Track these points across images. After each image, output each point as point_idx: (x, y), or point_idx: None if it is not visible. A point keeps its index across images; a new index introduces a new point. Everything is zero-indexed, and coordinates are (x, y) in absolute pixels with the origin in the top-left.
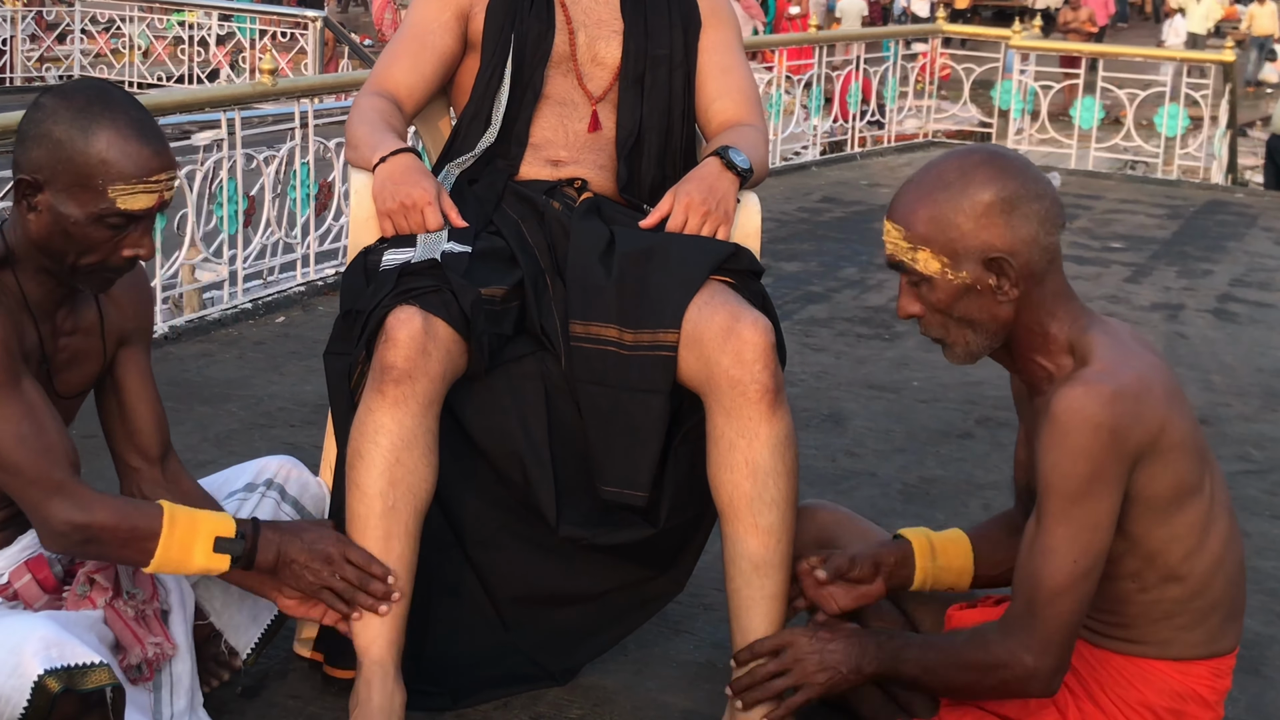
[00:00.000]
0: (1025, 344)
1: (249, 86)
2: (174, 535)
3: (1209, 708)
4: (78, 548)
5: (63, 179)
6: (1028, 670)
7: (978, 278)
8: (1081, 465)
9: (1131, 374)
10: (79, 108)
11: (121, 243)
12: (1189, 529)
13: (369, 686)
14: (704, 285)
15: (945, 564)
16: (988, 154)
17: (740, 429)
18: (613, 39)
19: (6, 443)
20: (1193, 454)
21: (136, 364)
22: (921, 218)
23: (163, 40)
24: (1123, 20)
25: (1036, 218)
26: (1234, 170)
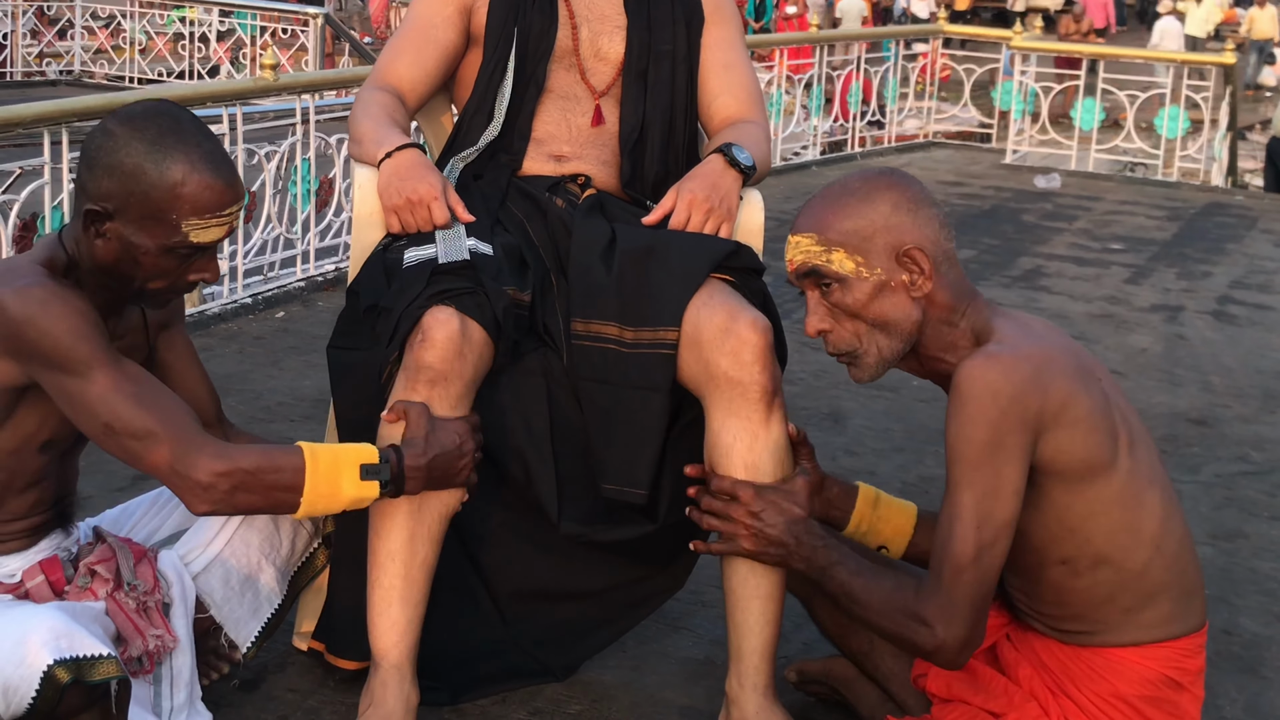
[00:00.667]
0: (932, 344)
1: (250, 82)
2: (318, 469)
3: (1182, 689)
4: (227, 498)
5: (135, 210)
6: (937, 641)
7: (891, 273)
8: (981, 431)
9: (1032, 347)
10: (152, 139)
11: (189, 269)
12: (1106, 506)
13: (385, 689)
14: (704, 283)
15: (885, 515)
16: (883, 170)
17: (739, 430)
18: (615, 34)
19: (130, 409)
20: (1102, 430)
21: (180, 343)
22: (832, 223)
23: (163, 36)
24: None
25: (937, 220)
26: (1234, 173)
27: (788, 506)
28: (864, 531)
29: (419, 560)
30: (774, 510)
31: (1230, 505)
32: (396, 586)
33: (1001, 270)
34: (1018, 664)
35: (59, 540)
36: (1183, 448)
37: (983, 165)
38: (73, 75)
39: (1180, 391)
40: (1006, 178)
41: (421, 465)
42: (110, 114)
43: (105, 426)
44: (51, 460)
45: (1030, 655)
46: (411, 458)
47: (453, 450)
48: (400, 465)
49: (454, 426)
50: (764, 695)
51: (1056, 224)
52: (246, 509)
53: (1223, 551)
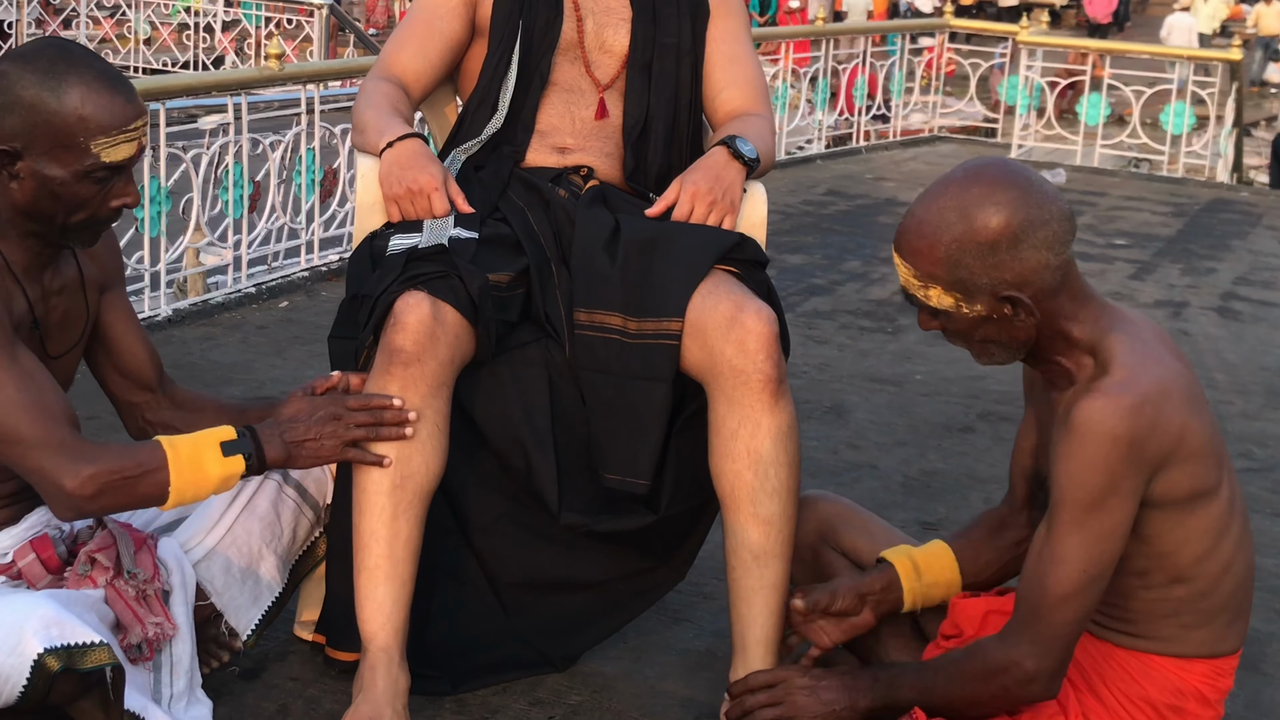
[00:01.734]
0: (1047, 349)
1: (256, 71)
2: (180, 457)
3: (1209, 706)
4: (94, 502)
5: (42, 143)
6: (1028, 674)
7: (993, 309)
8: (1098, 477)
9: (1151, 382)
10: (44, 69)
11: (108, 194)
12: (1202, 533)
13: (374, 672)
14: (708, 274)
15: (932, 580)
16: (989, 183)
17: (742, 418)
18: (621, 27)
19: (5, 411)
20: (1211, 458)
21: (120, 306)
22: (927, 257)
23: (168, 26)
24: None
25: (1044, 244)
26: (1239, 169)
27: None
28: (921, 604)
29: (402, 539)
30: (817, 678)
31: None
32: (381, 566)
33: None
34: None
35: (46, 516)
36: None
37: None
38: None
39: None
40: None
41: (273, 434)
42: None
43: None
44: None
45: None
46: (263, 430)
47: (302, 419)
48: (258, 441)
49: (328, 406)
50: None
51: None
52: (114, 509)
53: None
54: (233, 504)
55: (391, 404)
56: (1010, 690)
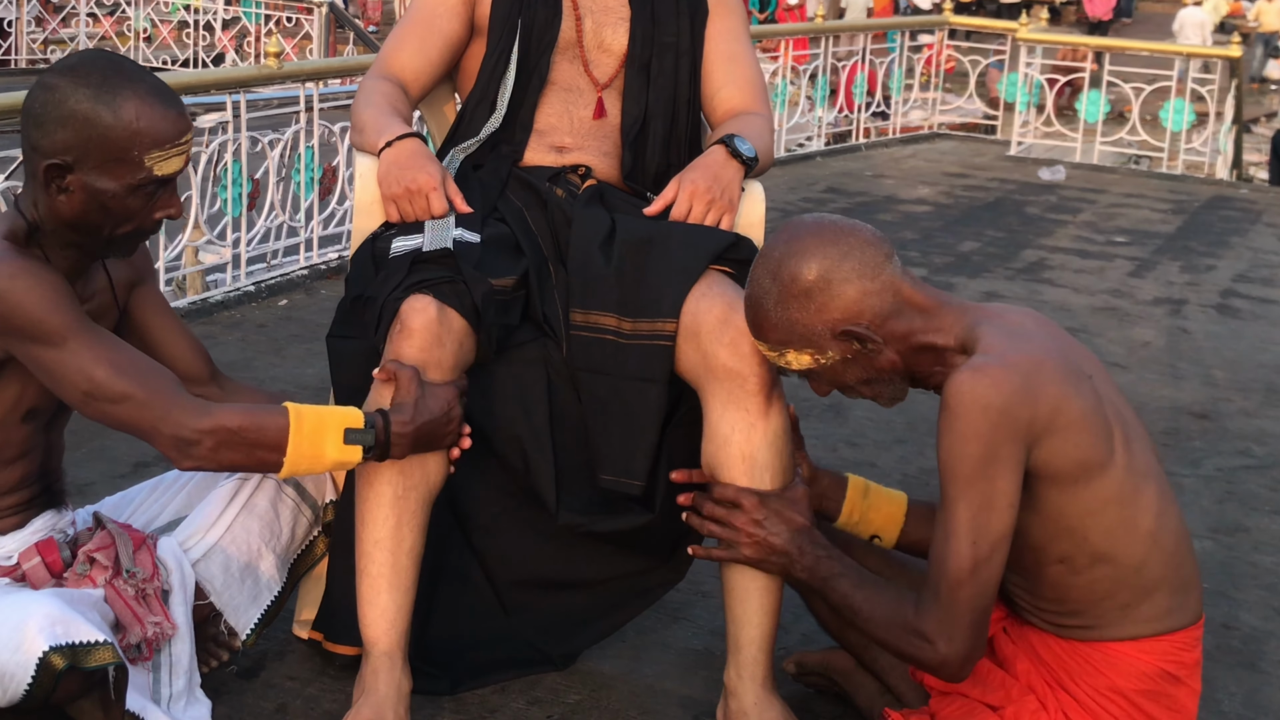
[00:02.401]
0: (923, 366)
1: (254, 69)
2: (302, 430)
3: (1179, 682)
4: (211, 455)
5: (95, 156)
6: (940, 656)
7: (844, 349)
8: (973, 446)
9: (1019, 355)
10: (98, 83)
11: (154, 206)
12: (1103, 504)
13: (376, 676)
14: (704, 275)
15: (875, 504)
16: (785, 243)
17: (736, 422)
18: (619, 26)
19: (107, 374)
20: (1096, 431)
21: (154, 301)
22: (766, 329)
23: (168, 24)
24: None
25: (854, 274)
26: (1239, 166)
27: (791, 515)
28: (856, 521)
29: (405, 547)
30: (777, 519)
31: (1231, 499)
32: (384, 574)
33: (1005, 262)
34: (1015, 658)
35: (52, 520)
36: (1184, 441)
37: (987, 157)
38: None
39: (1182, 385)
40: (1011, 170)
41: (408, 431)
42: (47, 70)
43: (85, 394)
44: (36, 430)
45: (1028, 649)
46: (398, 424)
47: (440, 416)
48: (386, 430)
49: (442, 392)
50: (762, 686)
51: (1061, 216)
52: (230, 466)
53: (1223, 546)
54: (231, 503)
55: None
56: (920, 660)
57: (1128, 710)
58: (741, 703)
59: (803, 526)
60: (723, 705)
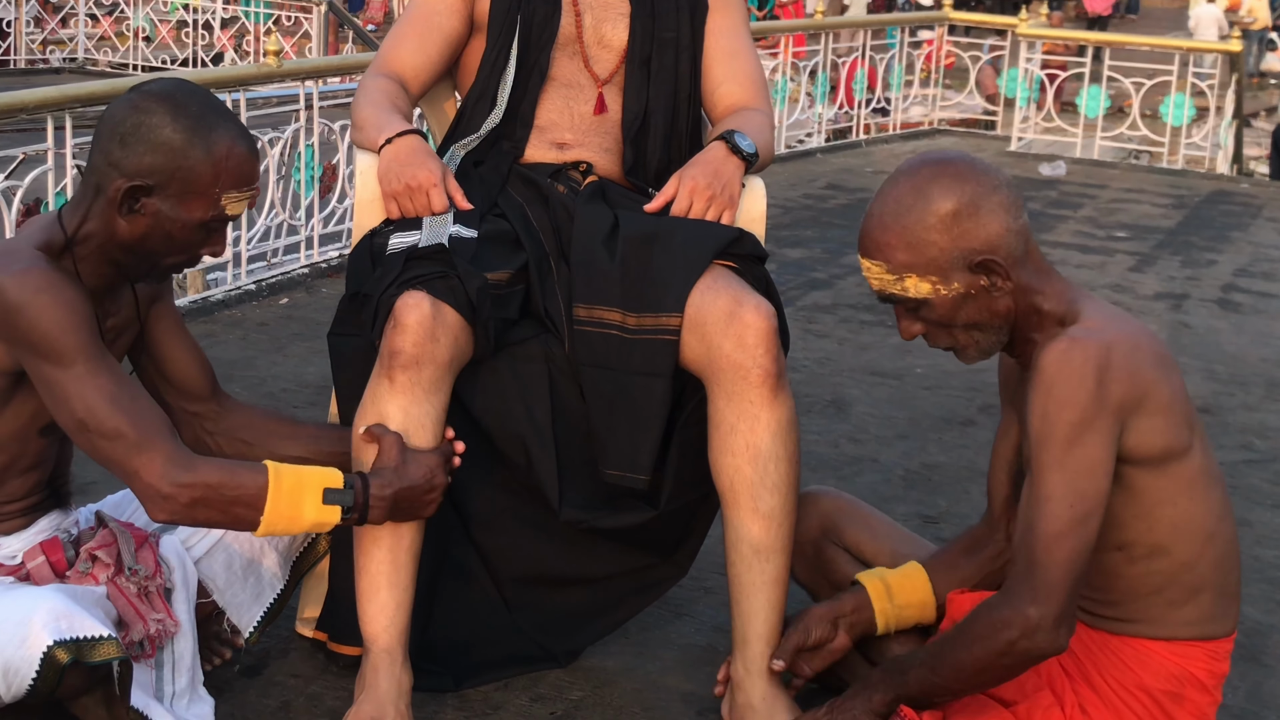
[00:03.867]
0: (1023, 326)
1: (254, 68)
2: (281, 490)
3: (1206, 691)
4: (186, 511)
5: (177, 186)
6: (1031, 623)
7: (970, 283)
8: (1070, 412)
9: (1118, 332)
10: (197, 115)
11: (209, 242)
12: (1176, 494)
13: (376, 673)
14: (707, 270)
15: (904, 601)
16: (934, 165)
17: (741, 413)
18: (619, 21)
19: (105, 409)
20: (1181, 419)
21: (169, 316)
22: (896, 247)
23: (167, 23)
24: (1132, 11)
25: (1002, 208)
26: (1239, 160)
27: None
28: (894, 625)
29: (404, 543)
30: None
31: (1233, 493)
32: (384, 571)
33: None
34: None
35: (57, 520)
36: None
37: (988, 153)
38: (76, 63)
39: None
40: (1011, 165)
41: (387, 495)
42: (138, 92)
43: (79, 422)
44: (52, 443)
45: None
46: (377, 487)
47: (421, 484)
48: (365, 494)
49: (425, 459)
50: (769, 681)
51: (1061, 211)
52: (205, 523)
53: None
54: None
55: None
56: (1016, 645)
57: (1150, 709)
58: (749, 697)
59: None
60: (728, 700)
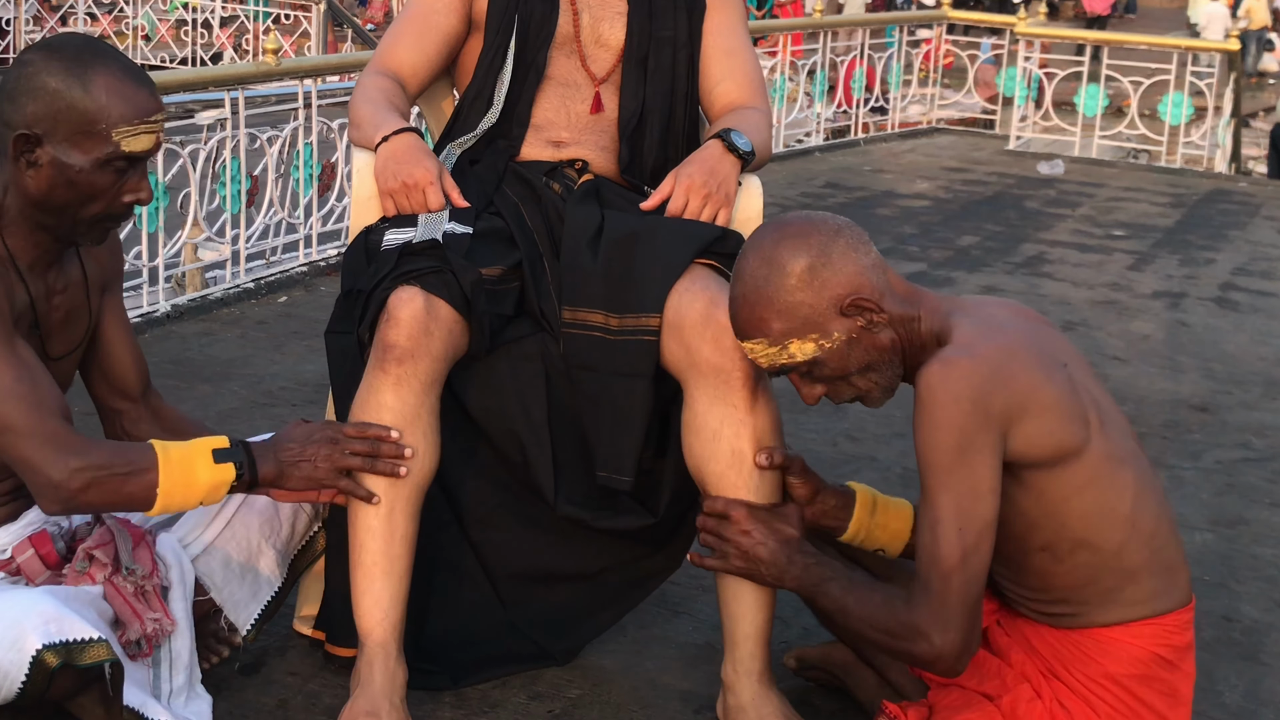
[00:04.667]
0: (911, 354)
1: (253, 66)
2: (170, 460)
3: (1172, 666)
4: (80, 496)
5: (64, 128)
6: (934, 650)
7: (849, 328)
8: (948, 436)
9: (989, 345)
10: (71, 58)
11: (122, 189)
12: (1079, 489)
13: (371, 667)
14: (689, 270)
15: (882, 521)
16: (774, 232)
17: (725, 418)
18: (616, 20)
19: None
20: (1070, 416)
21: (115, 309)
22: (768, 319)
23: (166, 22)
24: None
25: (850, 249)
26: (1237, 159)
27: (779, 526)
28: (861, 539)
29: (398, 535)
30: (765, 529)
31: (1231, 492)
32: (378, 563)
33: (1004, 257)
34: (1010, 648)
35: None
36: (1184, 434)
37: (986, 151)
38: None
39: (1182, 378)
40: (1010, 164)
41: (267, 450)
42: (22, 51)
43: None
44: None
45: (1021, 640)
46: (257, 446)
47: (298, 437)
48: (248, 449)
49: (313, 425)
50: (759, 681)
51: (1060, 210)
52: (100, 505)
53: (1223, 538)
54: (231, 498)
55: (389, 435)
56: (915, 658)
57: (1121, 696)
58: (739, 698)
59: (791, 538)
60: (721, 701)
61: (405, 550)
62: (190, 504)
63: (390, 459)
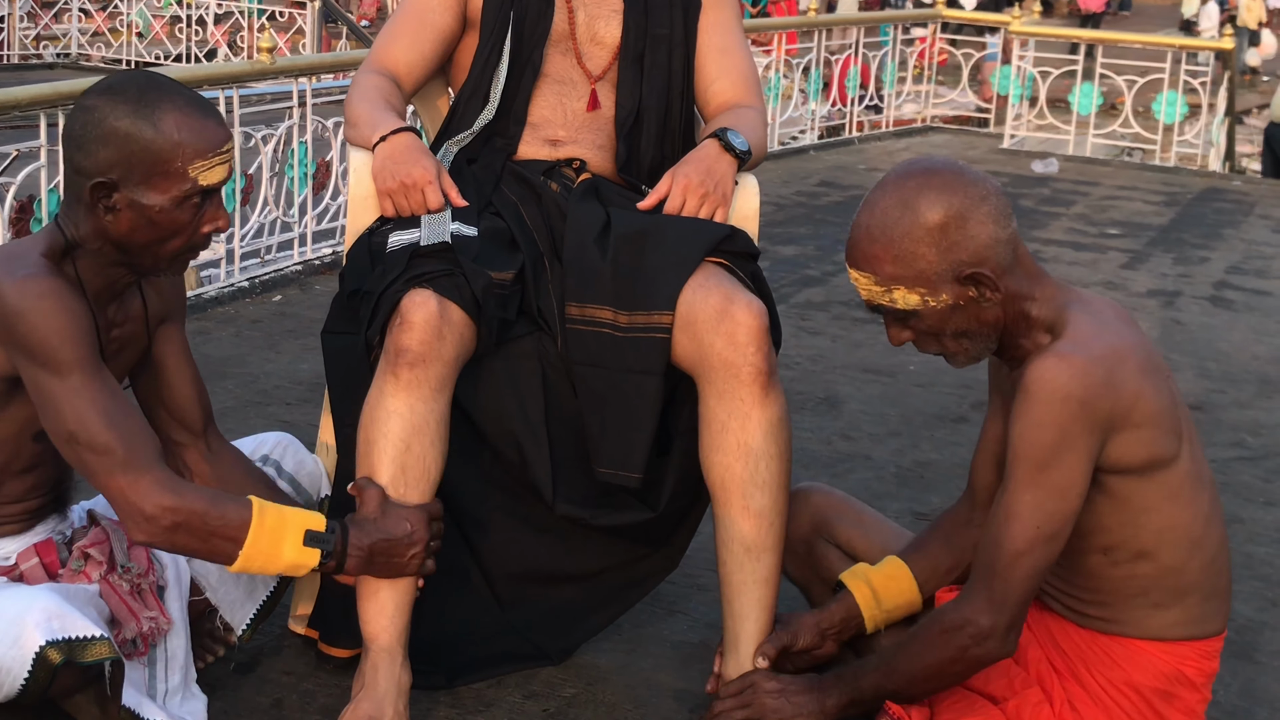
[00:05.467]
0: (1012, 332)
1: (247, 65)
2: (264, 527)
3: (1195, 689)
4: (166, 535)
5: (140, 171)
6: (983, 630)
7: (959, 295)
8: (1050, 433)
9: (1104, 346)
10: (135, 98)
11: (201, 220)
12: (1162, 501)
13: (376, 671)
14: (699, 268)
15: (891, 605)
16: (921, 175)
17: (732, 411)
18: (612, 18)
19: (97, 423)
20: (1168, 429)
21: (176, 340)
22: (884, 259)
23: (160, 19)
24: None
25: (989, 219)
26: (1231, 158)
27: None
28: (884, 625)
29: None
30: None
31: (1225, 490)
32: None
33: None
34: (1028, 644)
35: (54, 524)
36: None
37: (980, 150)
38: (69, 58)
39: (1177, 377)
40: (1004, 162)
41: (364, 545)
42: (82, 95)
43: (70, 434)
44: (47, 448)
45: (1044, 635)
46: (356, 536)
47: (401, 539)
48: (344, 541)
49: (406, 514)
50: None
51: (1054, 209)
52: (183, 550)
53: None
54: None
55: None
56: (968, 650)
57: (1139, 706)
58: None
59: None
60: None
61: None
62: (267, 573)
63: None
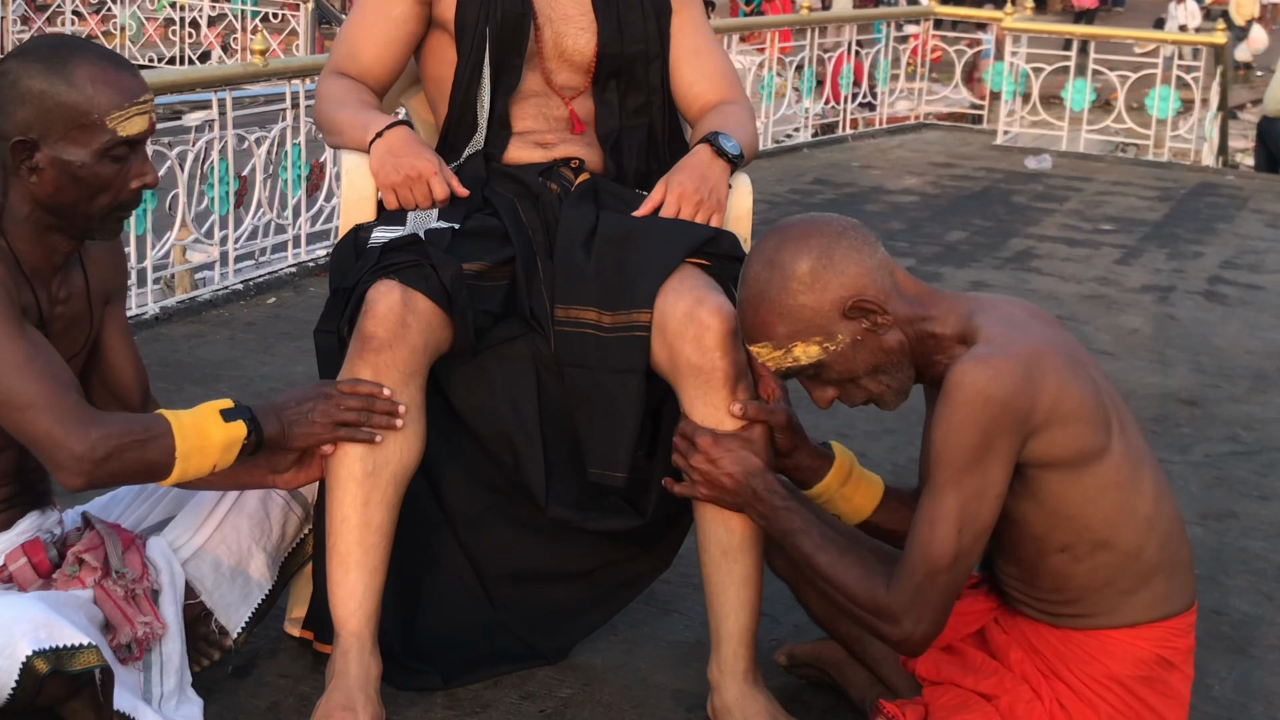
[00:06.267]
0: (922, 354)
1: (240, 67)
2: (183, 424)
3: (1173, 668)
4: (103, 466)
5: (58, 127)
6: (903, 634)
7: (853, 331)
8: (971, 436)
9: (1021, 345)
10: (47, 56)
11: (128, 175)
12: (1103, 490)
13: (346, 658)
14: (678, 270)
15: (848, 493)
16: (777, 234)
17: (705, 417)
18: (581, 35)
19: (15, 381)
20: (1095, 419)
21: (116, 319)
22: (772, 322)
23: (154, 21)
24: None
25: (853, 249)
26: (1225, 152)
27: (744, 455)
28: (823, 501)
29: (374, 526)
30: (730, 458)
31: (1220, 485)
32: (352, 552)
33: (992, 252)
34: (1008, 647)
35: (38, 521)
36: (1173, 428)
37: (974, 146)
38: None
39: (1171, 372)
40: (998, 159)
41: (267, 409)
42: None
43: None
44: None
45: (1020, 639)
46: (264, 412)
47: (295, 396)
48: (254, 414)
49: (318, 387)
50: (743, 681)
51: (1047, 205)
52: (121, 476)
53: (1213, 531)
54: (221, 501)
55: (381, 392)
56: (881, 635)
57: (1123, 697)
58: (724, 698)
59: (756, 467)
60: (710, 700)
61: (380, 541)
62: (206, 467)
63: (384, 414)
